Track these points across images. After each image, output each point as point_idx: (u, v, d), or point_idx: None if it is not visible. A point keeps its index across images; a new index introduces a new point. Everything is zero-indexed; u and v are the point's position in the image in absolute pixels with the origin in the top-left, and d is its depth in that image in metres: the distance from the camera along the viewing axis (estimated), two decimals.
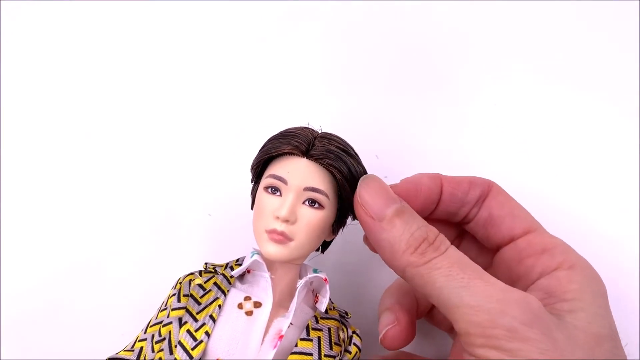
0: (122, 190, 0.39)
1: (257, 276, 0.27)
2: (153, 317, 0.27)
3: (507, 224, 0.27)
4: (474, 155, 0.38)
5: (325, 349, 0.25)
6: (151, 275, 0.38)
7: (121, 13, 0.41)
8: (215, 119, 0.40)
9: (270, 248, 0.25)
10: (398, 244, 0.23)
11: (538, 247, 0.26)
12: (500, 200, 0.28)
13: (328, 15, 0.40)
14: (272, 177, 0.26)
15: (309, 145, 0.26)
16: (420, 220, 0.25)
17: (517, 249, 0.26)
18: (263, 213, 0.26)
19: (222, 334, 0.24)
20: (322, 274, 0.27)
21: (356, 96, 0.39)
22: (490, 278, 0.22)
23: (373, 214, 0.24)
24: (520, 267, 0.26)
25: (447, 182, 0.28)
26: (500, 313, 0.21)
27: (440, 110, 0.38)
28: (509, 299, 0.21)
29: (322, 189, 0.25)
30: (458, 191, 0.28)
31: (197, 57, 0.41)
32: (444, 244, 0.24)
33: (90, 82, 0.40)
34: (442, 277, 0.22)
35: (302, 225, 0.25)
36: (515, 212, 0.27)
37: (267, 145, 0.27)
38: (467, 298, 0.21)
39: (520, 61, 0.38)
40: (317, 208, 0.25)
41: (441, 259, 0.23)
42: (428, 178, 0.27)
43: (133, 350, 0.27)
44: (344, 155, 0.26)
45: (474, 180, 0.28)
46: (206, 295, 0.26)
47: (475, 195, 0.28)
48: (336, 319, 0.27)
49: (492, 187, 0.28)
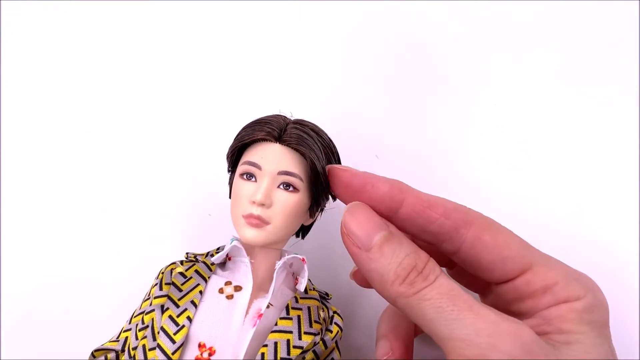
0: (123, 190, 0.40)
1: (238, 262, 0.28)
2: (137, 308, 0.28)
3: (498, 269, 0.24)
4: (474, 155, 0.38)
5: (305, 327, 0.25)
6: (151, 276, 0.38)
7: (121, 13, 0.42)
8: (215, 119, 0.40)
9: (248, 232, 0.26)
10: (387, 275, 0.22)
11: (538, 287, 0.24)
12: (486, 241, 0.24)
13: (328, 15, 0.41)
14: (246, 163, 0.26)
15: (281, 131, 0.26)
16: (408, 246, 0.23)
17: (515, 289, 0.25)
18: (239, 199, 0.26)
19: (203, 318, 0.25)
20: (299, 255, 0.27)
21: (356, 96, 0.40)
22: (481, 309, 0.21)
23: (360, 244, 0.23)
24: (521, 305, 0.25)
25: (415, 200, 0.25)
26: (491, 348, 0.20)
27: (440, 110, 0.39)
28: (500, 333, 0.20)
29: (295, 172, 0.26)
30: (422, 215, 0.24)
31: (197, 58, 0.41)
32: (434, 272, 0.22)
33: (89, 81, 0.41)
34: (432, 308, 0.21)
35: (278, 209, 0.26)
36: (505, 253, 0.24)
37: (241, 133, 0.27)
38: (457, 331, 0.21)
39: (520, 61, 0.39)
40: (292, 191, 0.26)
41: (430, 289, 0.22)
42: (389, 186, 0.25)
43: (118, 340, 0.27)
44: (315, 138, 0.27)
45: (449, 209, 0.24)
46: (187, 283, 0.26)
47: (444, 228, 0.24)
48: (316, 298, 0.28)
49: (473, 223, 0.24)
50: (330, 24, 0.40)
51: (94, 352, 0.27)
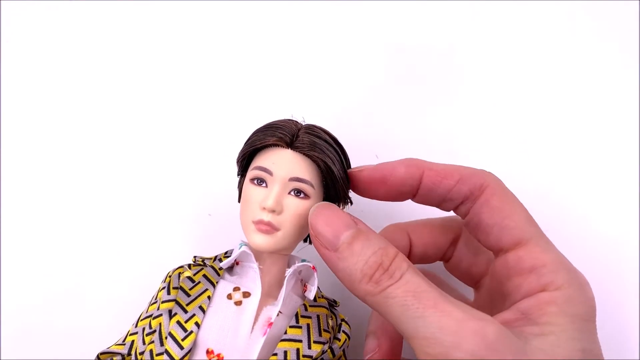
0: (123, 190, 0.39)
1: (246, 267, 0.28)
2: (144, 311, 0.28)
3: (494, 234, 0.25)
4: (474, 154, 0.38)
5: (315, 336, 0.25)
6: (151, 275, 0.38)
7: (121, 13, 0.41)
8: (215, 119, 0.40)
9: (258, 238, 0.25)
10: (354, 274, 0.22)
11: (526, 265, 0.24)
12: (493, 204, 0.25)
13: (327, 14, 0.40)
14: (257, 168, 0.26)
15: (293, 136, 0.26)
16: (376, 243, 0.23)
17: (506, 264, 0.25)
18: (249, 204, 0.26)
19: (212, 324, 0.25)
20: (310, 263, 0.27)
21: (356, 96, 0.40)
22: (447, 306, 0.21)
23: (327, 244, 0.23)
24: (509, 285, 0.25)
25: (432, 172, 0.25)
26: (455, 347, 0.20)
27: (440, 110, 0.39)
28: (464, 331, 0.20)
29: (307, 179, 0.26)
30: (440, 186, 0.25)
31: (196, 58, 0.41)
32: (400, 269, 0.22)
33: (89, 82, 0.41)
34: (398, 307, 0.21)
35: (289, 215, 0.26)
36: (506, 222, 0.24)
37: (252, 137, 0.27)
38: (422, 329, 0.20)
39: (520, 61, 0.39)
40: (303, 198, 0.26)
41: (396, 287, 0.22)
42: (405, 167, 0.26)
43: (124, 344, 0.27)
44: (328, 145, 0.26)
45: (465, 175, 0.25)
46: (195, 287, 0.26)
47: (461, 194, 0.25)
48: (325, 306, 0.27)
49: (487, 187, 0.25)
50: (330, 24, 0.40)
51: (99, 355, 0.27)
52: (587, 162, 0.37)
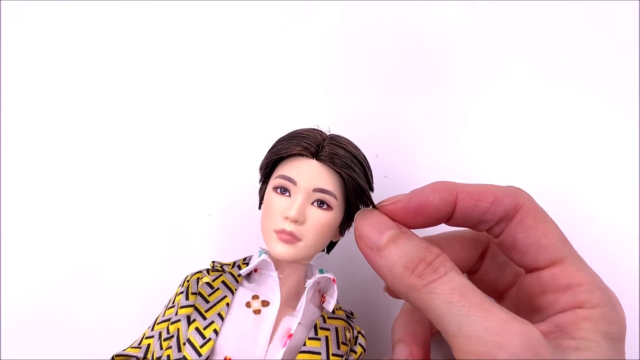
0: (123, 190, 0.39)
1: (265, 275, 0.27)
2: (160, 315, 0.28)
3: (531, 254, 0.25)
4: (474, 155, 0.38)
5: (333, 348, 0.25)
6: (151, 275, 0.38)
7: (123, 13, 0.41)
8: (215, 119, 0.40)
9: (279, 248, 0.25)
10: (396, 268, 0.23)
11: (562, 282, 0.24)
12: (528, 224, 0.25)
13: (329, 15, 0.40)
14: (281, 177, 0.26)
15: (318, 146, 0.26)
16: (418, 242, 0.24)
17: (540, 281, 0.25)
18: (272, 213, 0.26)
19: (230, 332, 0.25)
20: (330, 275, 0.27)
21: (356, 96, 0.40)
22: (492, 307, 0.21)
23: (370, 244, 0.24)
24: (541, 300, 0.25)
25: (465, 195, 0.25)
26: (498, 347, 0.20)
27: (440, 110, 0.39)
28: (509, 332, 0.20)
29: (330, 190, 0.26)
30: (475, 210, 0.25)
31: (198, 58, 0.41)
32: (444, 265, 0.23)
33: (92, 83, 0.41)
34: (443, 303, 0.21)
35: (311, 226, 0.26)
36: (542, 241, 0.25)
37: (277, 146, 0.27)
38: (466, 327, 0.21)
39: (520, 61, 0.39)
40: (326, 209, 0.26)
41: (441, 282, 0.22)
42: (439, 195, 0.25)
43: (140, 347, 0.27)
44: (352, 156, 0.26)
45: (500, 196, 0.25)
46: (214, 294, 0.26)
47: (496, 216, 0.25)
48: (343, 318, 0.27)
49: (522, 207, 0.25)
50: (330, 24, 0.40)
51: (114, 357, 0.27)
52: (586, 162, 0.37)
